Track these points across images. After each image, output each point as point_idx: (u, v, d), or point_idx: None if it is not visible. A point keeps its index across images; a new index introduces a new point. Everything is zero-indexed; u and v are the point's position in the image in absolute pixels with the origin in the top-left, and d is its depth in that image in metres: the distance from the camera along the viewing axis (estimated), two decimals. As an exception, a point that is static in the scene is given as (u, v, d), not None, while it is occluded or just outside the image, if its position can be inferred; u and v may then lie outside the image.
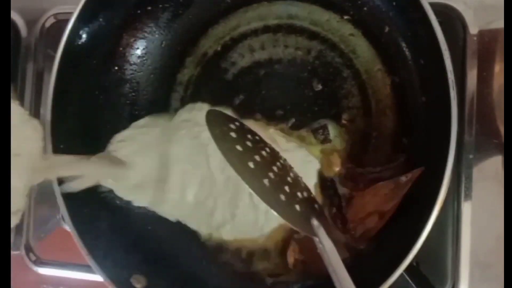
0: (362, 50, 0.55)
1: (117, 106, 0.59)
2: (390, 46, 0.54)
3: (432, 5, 0.45)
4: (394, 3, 0.50)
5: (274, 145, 0.50)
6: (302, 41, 0.57)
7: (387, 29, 0.53)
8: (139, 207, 0.54)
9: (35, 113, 0.65)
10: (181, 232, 0.55)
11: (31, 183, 0.41)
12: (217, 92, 0.59)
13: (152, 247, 0.55)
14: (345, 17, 0.56)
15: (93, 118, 0.56)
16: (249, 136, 0.47)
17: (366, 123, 0.55)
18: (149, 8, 0.58)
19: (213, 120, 0.45)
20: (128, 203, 0.54)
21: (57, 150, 0.50)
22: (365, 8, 0.54)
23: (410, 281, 0.49)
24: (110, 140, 0.54)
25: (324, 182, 0.54)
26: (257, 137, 0.48)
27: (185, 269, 0.55)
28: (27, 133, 0.42)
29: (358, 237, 0.51)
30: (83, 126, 0.55)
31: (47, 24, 0.66)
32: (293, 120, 0.56)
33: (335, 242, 0.44)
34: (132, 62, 0.59)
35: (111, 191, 0.52)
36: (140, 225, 0.56)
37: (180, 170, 0.53)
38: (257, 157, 0.44)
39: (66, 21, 0.51)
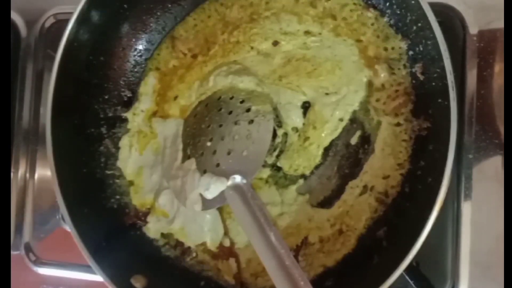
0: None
1: (117, 105, 0.58)
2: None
3: (432, 5, 0.44)
4: (394, 3, 0.50)
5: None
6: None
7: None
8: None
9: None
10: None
11: None
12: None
13: (152, 247, 0.56)
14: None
15: (93, 118, 0.56)
16: None
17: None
18: (149, 10, 0.58)
19: None
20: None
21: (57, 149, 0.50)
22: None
23: (410, 281, 0.49)
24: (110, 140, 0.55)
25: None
26: None
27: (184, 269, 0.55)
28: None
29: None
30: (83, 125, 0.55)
31: (47, 24, 0.66)
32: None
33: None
34: (132, 62, 0.59)
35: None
36: (140, 225, 0.56)
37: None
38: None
39: (66, 21, 0.51)
